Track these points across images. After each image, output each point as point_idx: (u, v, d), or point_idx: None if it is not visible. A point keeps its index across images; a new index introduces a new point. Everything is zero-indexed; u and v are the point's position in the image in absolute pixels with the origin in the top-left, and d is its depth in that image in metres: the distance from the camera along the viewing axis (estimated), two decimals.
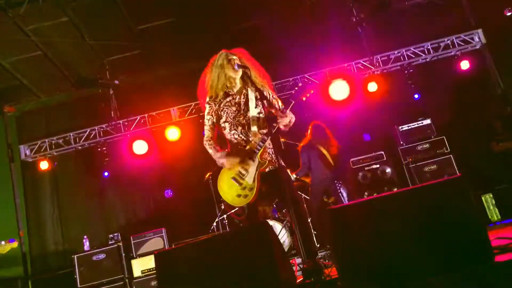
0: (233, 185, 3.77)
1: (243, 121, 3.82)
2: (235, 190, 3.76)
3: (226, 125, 3.87)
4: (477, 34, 8.27)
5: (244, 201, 3.73)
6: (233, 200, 3.78)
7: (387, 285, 2.43)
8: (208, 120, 3.95)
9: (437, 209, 2.45)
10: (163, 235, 7.26)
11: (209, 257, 2.84)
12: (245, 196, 3.72)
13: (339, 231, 2.42)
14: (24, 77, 7.90)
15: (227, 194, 3.81)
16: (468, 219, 2.52)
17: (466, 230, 2.42)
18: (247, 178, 3.73)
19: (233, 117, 3.84)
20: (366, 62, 8.39)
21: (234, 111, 3.84)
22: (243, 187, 3.74)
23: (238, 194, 3.74)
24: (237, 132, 3.82)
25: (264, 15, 7.80)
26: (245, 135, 3.80)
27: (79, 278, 6.95)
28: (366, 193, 7.08)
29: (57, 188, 8.55)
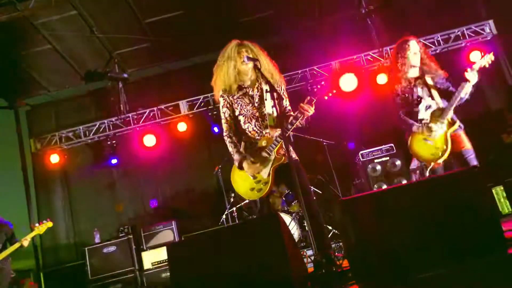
0: (247, 178, 3.75)
1: (257, 113, 3.80)
2: (249, 184, 3.74)
3: (241, 118, 3.86)
4: (488, 25, 8.17)
5: (258, 195, 3.71)
6: (246, 193, 3.77)
7: (399, 276, 2.43)
8: (224, 113, 3.91)
9: (450, 201, 2.43)
10: (173, 228, 7.29)
11: (221, 248, 2.85)
12: (259, 190, 3.70)
13: (350, 222, 2.41)
14: (34, 71, 7.94)
15: (240, 187, 3.80)
16: (482, 210, 2.51)
17: (480, 221, 2.40)
18: (262, 172, 3.71)
19: (247, 110, 3.82)
20: (375, 54, 8.32)
21: (248, 103, 3.83)
22: (258, 181, 3.72)
23: (252, 188, 3.73)
24: (251, 125, 3.81)
25: (272, 7, 7.77)
26: (259, 128, 3.79)
27: (90, 270, 7.02)
28: (376, 186, 7.05)
29: (67, 181, 8.62)
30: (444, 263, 2.44)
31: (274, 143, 3.67)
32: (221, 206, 7.18)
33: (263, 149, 3.71)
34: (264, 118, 3.78)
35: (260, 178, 3.71)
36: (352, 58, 8.39)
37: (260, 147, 3.73)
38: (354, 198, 2.55)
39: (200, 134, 8.40)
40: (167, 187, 8.49)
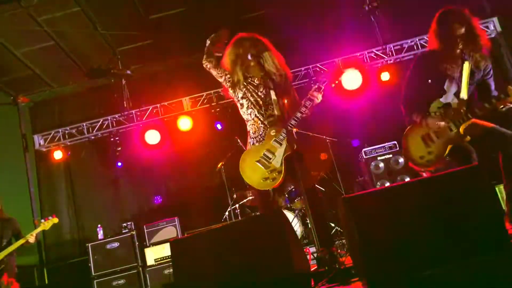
0: (258, 168, 3.74)
1: (260, 101, 3.87)
2: (261, 173, 3.73)
3: (244, 102, 3.93)
4: (493, 23, 8.16)
5: (272, 184, 3.70)
6: (259, 183, 3.76)
7: (402, 273, 2.43)
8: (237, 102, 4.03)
9: (453, 198, 2.43)
10: (176, 224, 7.30)
11: (224, 245, 2.86)
12: (273, 179, 3.69)
13: (353, 220, 2.42)
14: (37, 67, 7.96)
15: (251, 178, 3.78)
16: (485, 208, 2.50)
17: (484, 219, 2.40)
18: (274, 161, 3.72)
19: (251, 96, 3.89)
20: (379, 51, 8.32)
21: (253, 90, 3.90)
22: (271, 170, 3.71)
23: (265, 177, 3.71)
24: (254, 111, 3.87)
25: (276, 4, 7.76)
26: (262, 116, 3.83)
27: (93, 266, 7.03)
28: (379, 183, 7.06)
29: (70, 178, 8.65)
30: (447, 261, 2.44)
31: (284, 131, 3.70)
32: (224, 202, 7.19)
33: (272, 138, 3.75)
34: (268, 107, 3.84)
35: (273, 167, 3.71)
36: (355, 56, 8.38)
37: (269, 135, 3.77)
38: (357, 195, 2.55)
39: (203, 131, 8.41)
40: (170, 184, 8.51)
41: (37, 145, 8.52)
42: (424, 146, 3.60)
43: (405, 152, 3.77)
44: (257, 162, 3.74)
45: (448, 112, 3.55)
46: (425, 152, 3.60)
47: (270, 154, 3.74)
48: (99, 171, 8.60)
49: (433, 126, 3.55)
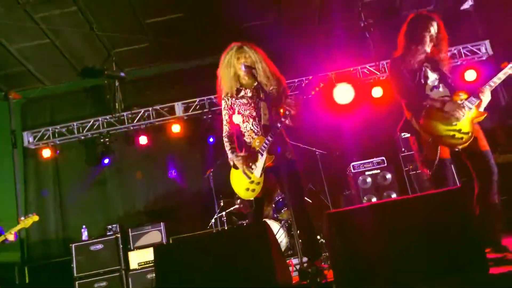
0: (243, 179, 3.86)
1: (254, 113, 3.92)
2: (245, 184, 3.85)
3: (239, 118, 4.00)
4: (484, 45, 8.30)
5: (252, 194, 3.81)
6: (244, 194, 3.88)
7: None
8: (225, 115, 4.08)
9: (435, 218, 2.47)
10: (161, 229, 7.28)
11: (208, 253, 2.87)
12: (253, 190, 3.81)
13: (336, 235, 2.44)
14: (31, 64, 7.92)
15: (238, 188, 3.93)
16: (465, 230, 2.55)
17: (463, 240, 2.44)
18: (256, 172, 3.81)
19: (244, 110, 3.95)
20: (372, 67, 8.41)
21: (246, 103, 3.95)
22: (251, 181, 3.83)
23: (247, 188, 3.84)
24: (249, 124, 3.93)
25: (272, 15, 7.83)
26: (256, 127, 3.90)
27: (76, 267, 6.98)
28: (365, 198, 7.10)
29: (58, 177, 8.58)
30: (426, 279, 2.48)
31: (265, 143, 3.75)
32: (211, 209, 7.19)
33: (256, 149, 3.82)
34: (261, 118, 3.89)
35: (253, 179, 3.82)
36: (348, 70, 8.46)
37: (254, 147, 3.84)
38: (341, 211, 2.58)
39: (194, 137, 8.42)
40: (158, 188, 8.47)
41: (26, 142, 8.46)
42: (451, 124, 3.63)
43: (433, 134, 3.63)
44: (243, 172, 3.85)
45: None
46: (456, 132, 3.62)
47: (253, 165, 3.81)
48: (87, 171, 8.54)
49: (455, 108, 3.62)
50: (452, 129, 3.63)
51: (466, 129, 3.62)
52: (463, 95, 3.71)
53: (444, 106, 3.65)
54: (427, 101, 3.69)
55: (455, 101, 3.67)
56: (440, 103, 3.67)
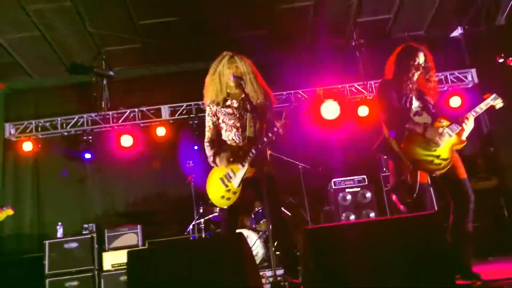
0: (219, 185, 3.91)
1: (238, 124, 3.95)
2: (220, 191, 3.90)
3: (223, 126, 4.04)
4: (471, 73, 8.47)
5: (227, 203, 3.87)
6: (218, 201, 3.94)
7: None
8: (208, 121, 4.12)
9: (410, 242, 2.51)
10: (138, 232, 7.22)
11: (182, 261, 2.86)
12: (228, 199, 3.86)
13: (311, 251, 2.46)
14: (19, 56, 7.84)
15: (212, 194, 3.97)
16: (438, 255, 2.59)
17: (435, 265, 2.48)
18: (234, 181, 3.85)
19: (228, 119, 3.99)
20: (360, 86, 8.50)
21: (231, 113, 3.99)
22: (228, 189, 3.88)
23: (222, 196, 3.89)
24: (231, 134, 3.97)
25: (266, 27, 7.89)
26: (239, 138, 3.93)
27: (48, 264, 6.87)
28: (344, 215, 7.15)
29: (37, 171, 8.46)
30: None
31: (249, 155, 3.78)
32: (189, 215, 7.17)
33: (239, 158, 3.86)
34: (244, 129, 3.93)
35: (230, 187, 3.87)
36: (336, 87, 8.55)
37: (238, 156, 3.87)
38: (318, 228, 2.61)
39: (179, 141, 8.39)
40: (138, 190, 8.40)
41: (7, 133, 8.34)
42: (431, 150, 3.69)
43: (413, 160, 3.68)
44: (220, 179, 3.91)
45: None
46: (434, 157, 3.68)
47: (232, 174, 3.88)
48: (67, 168, 8.44)
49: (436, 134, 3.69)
50: (431, 154, 3.69)
51: (445, 155, 3.69)
52: (445, 122, 3.78)
53: (426, 131, 3.71)
54: (410, 124, 3.75)
55: (436, 127, 3.74)
56: (422, 128, 3.73)
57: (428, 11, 8.06)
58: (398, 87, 3.88)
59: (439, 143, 3.68)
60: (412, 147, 3.71)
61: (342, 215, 7.17)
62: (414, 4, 7.83)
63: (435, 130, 3.71)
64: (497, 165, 7.86)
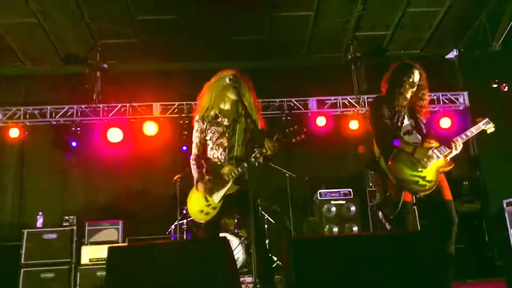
0: (201, 199, 3.87)
1: (225, 143, 3.92)
2: (200, 206, 3.87)
3: (209, 143, 4.00)
4: (463, 96, 8.56)
5: (205, 218, 3.85)
6: (195, 214, 3.91)
7: None
8: (196, 137, 4.04)
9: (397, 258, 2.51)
10: (119, 228, 7.15)
11: (163, 262, 2.83)
12: (207, 214, 3.84)
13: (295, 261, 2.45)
14: (14, 41, 7.77)
15: (192, 206, 3.94)
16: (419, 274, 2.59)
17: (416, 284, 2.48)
18: (215, 196, 3.83)
19: (216, 138, 3.95)
20: (353, 100, 8.53)
21: (220, 132, 3.95)
22: (208, 204, 3.85)
23: (201, 210, 3.86)
24: (217, 152, 3.93)
25: (265, 33, 7.91)
26: (224, 157, 3.90)
27: (24, 253, 6.77)
28: (327, 227, 7.15)
29: (22, 158, 8.34)
30: None
31: (234, 173, 3.79)
32: (172, 215, 7.11)
33: (222, 175, 3.83)
34: (232, 149, 3.90)
35: (211, 202, 3.84)
36: (329, 99, 8.57)
37: (222, 173, 3.84)
38: (305, 238, 2.59)
39: (167, 140, 8.34)
40: (122, 185, 8.31)
41: None
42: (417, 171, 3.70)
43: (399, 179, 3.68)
44: (203, 195, 3.87)
45: None
46: (420, 178, 3.69)
47: (215, 190, 3.85)
48: (53, 157, 8.32)
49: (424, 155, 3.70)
50: (417, 175, 3.70)
51: (431, 177, 3.70)
52: (434, 143, 3.80)
53: (415, 151, 3.72)
54: (400, 142, 3.76)
55: (425, 149, 3.75)
56: (412, 148, 3.74)
57: (426, 31, 8.16)
58: (390, 104, 3.91)
59: (427, 164, 3.69)
60: (399, 166, 3.71)
61: (326, 226, 7.17)
62: (412, 23, 7.91)
63: (424, 151, 3.72)
64: (482, 189, 7.93)
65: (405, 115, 3.93)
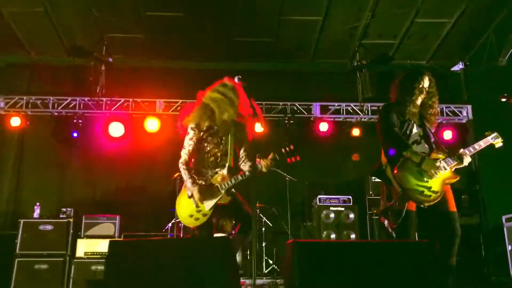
0: (190, 204, 3.82)
1: (218, 154, 3.92)
2: (190, 210, 3.83)
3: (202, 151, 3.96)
4: (466, 109, 8.55)
5: (194, 223, 3.81)
6: (184, 218, 3.87)
7: None
8: (190, 145, 3.94)
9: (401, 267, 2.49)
10: (116, 222, 7.10)
11: (165, 259, 2.80)
12: (196, 219, 3.80)
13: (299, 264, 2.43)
14: (20, 30, 7.74)
15: (181, 210, 3.89)
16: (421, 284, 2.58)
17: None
18: (206, 204, 3.78)
19: (211, 147, 3.92)
20: (356, 107, 8.52)
21: (214, 143, 3.92)
22: (199, 210, 3.81)
23: (191, 215, 3.82)
24: (208, 161, 3.90)
25: (272, 36, 7.89)
26: (213, 166, 3.89)
27: (19, 243, 6.72)
28: (325, 233, 7.13)
29: (22, 148, 8.30)
30: None
31: (227, 183, 3.77)
32: (170, 213, 7.07)
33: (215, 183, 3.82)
34: (223, 159, 3.89)
35: (202, 209, 3.81)
36: (333, 105, 8.56)
37: (213, 182, 3.83)
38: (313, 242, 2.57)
39: (169, 137, 8.29)
40: (122, 180, 8.28)
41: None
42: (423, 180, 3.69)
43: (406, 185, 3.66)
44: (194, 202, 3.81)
45: None
46: (425, 189, 3.68)
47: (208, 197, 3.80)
48: (53, 148, 8.27)
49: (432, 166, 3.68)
50: (423, 185, 3.69)
51: (436, 188, 3.68)
52: (442, 155, 3.78)
53: (422, 162, 3.70)
54: (408, 152, 3.74)
55: (433, 160, 3.73)
56: (419, 158, 3.72)
57: (433, 42, 8.17)
58: (400, 111, 3.89)
59: (434, 175, 3.68)
60: (405, 175, 3.70)
61: (323, 232, 7.14)
62: (420, 34, 7.92)
63: (431, 162, 3.70)
64: (480, 203, 7.93)
65: (414, 123, 3.91)
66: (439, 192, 3.67)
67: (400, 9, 7.39)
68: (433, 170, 3.66)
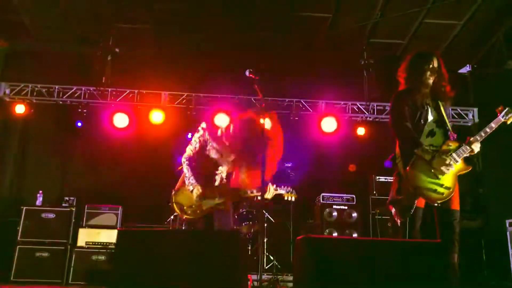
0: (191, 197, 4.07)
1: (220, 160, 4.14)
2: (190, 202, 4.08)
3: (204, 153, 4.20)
4: (472, 112, 8.52)
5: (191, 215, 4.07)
6: (186, 209, 4.10)
7: None
8: (197, 143, 4.21)
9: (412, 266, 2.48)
10: (118, 213, 7.09)
11: (174, 249, 2.79)
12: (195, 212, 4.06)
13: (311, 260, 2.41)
14: (28, 16, 7.68)
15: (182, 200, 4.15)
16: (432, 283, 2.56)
17: None
18: (204, 201, 4.01)
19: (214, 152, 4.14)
20: (362, 106, 8.50)
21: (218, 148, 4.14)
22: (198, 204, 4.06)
23: (191, 205, 4.07)
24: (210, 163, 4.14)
25: (280, 31, 7.86)
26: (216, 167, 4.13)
27: (21, 230, 6.71)
28: (327, 231, 7.12)
29: (26, 135, 8.29)
30: None
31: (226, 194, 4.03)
32: None
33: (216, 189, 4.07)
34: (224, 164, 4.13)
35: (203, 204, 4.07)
36: (338, 103, 8.54)
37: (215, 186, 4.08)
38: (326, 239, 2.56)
39: (173, 129, 8.28)
40: (125, 171, 8.23)
41: (1, 93, 8.15)
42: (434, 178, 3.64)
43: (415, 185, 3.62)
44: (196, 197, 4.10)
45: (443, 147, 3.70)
46: (438, 186, 3.63)
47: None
48: (56, 137, 8.27)
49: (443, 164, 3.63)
50: (435, 182, 3.65)
51: (449, 183, 3.64)
52: (453, 145, 3.72)
53: (433, 160, 3.67)
54: (419, 150, 3.70)
55: (443, 158, 3.68)
56: (430, 156, 3.68)
57: (440, 44, 8.12)
58: (412, 97, 3.77)
59: (445, 173, 3.64)
60: (417, 173, 3.67)
61: (326, 230, 7.13)
62: (428, 34, 7.88)
63: (442, 160, 3.65)
64: (483, 207, 7.91)
65: (428, 108, 3.79)
66: (451, 187, 3.64)
67: (411, 8, 7.35)
68: (444, 168, 3.63)
